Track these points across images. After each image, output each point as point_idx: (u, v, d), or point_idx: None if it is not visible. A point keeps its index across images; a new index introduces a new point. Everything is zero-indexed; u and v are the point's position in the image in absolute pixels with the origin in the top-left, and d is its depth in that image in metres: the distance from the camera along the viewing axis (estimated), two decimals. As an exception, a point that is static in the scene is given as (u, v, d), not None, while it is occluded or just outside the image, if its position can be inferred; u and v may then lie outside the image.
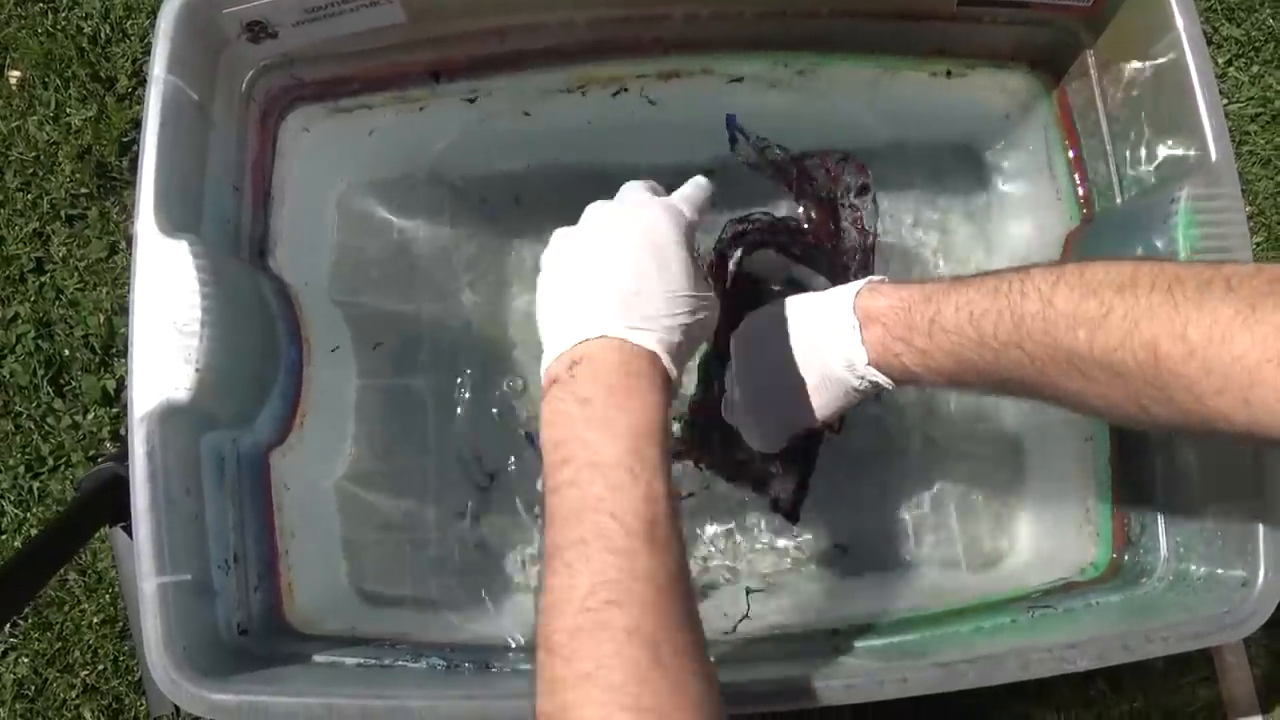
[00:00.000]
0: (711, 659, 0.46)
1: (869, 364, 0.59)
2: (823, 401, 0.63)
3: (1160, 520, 0.72)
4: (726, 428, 0.74)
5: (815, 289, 0.71)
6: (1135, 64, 0.72)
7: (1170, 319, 0.46)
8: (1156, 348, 0.46)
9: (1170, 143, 0.69)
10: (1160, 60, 0.69)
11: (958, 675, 0.60)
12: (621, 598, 0.44)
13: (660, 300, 0.52)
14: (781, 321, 0.65)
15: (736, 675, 0.66)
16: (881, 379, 0.60)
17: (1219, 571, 0.66)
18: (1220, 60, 1.24)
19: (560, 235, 0.58)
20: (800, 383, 0.63)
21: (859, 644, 0.71)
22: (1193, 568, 0.69)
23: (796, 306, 0.65)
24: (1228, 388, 0.44)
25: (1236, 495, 0.65)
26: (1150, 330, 0.46)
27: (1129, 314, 0.47)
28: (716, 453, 0.81)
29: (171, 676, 0.59)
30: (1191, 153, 0.67)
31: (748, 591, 0.83)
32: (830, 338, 0.61)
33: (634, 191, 0.58)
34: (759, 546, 0.87)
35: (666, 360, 0.52)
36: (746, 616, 0.81)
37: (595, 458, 0.48)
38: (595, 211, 0.57)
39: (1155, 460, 0.73)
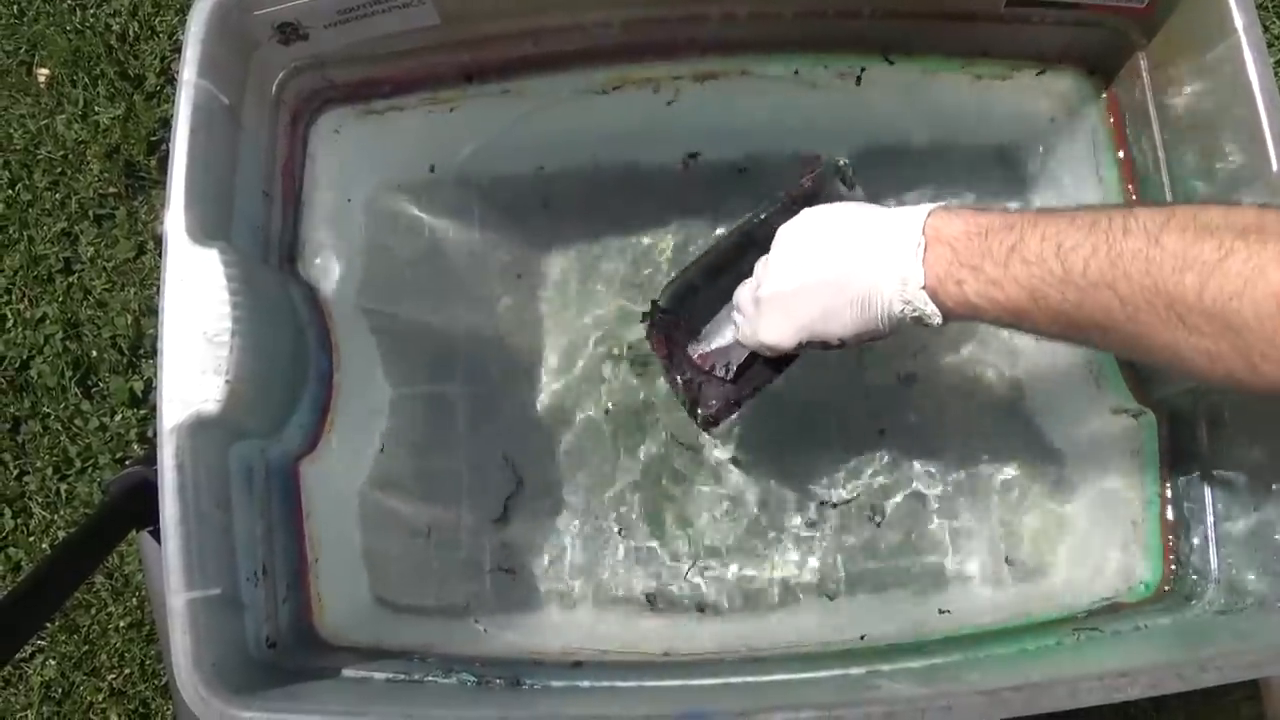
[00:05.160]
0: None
1: (923, 287, 0.55)
2: (856, 317, 0.59)
3: (1212, 540, 0.70)
4: (696, 320, 0.75)
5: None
6: (1191, 67, 0.69)
7: None
8: None
9: (1227, 150, 0.67)
10: (1218, 63, 0.67)
11: (1003, 703, 0.58)
12: None
13: None
14: (842, 222, 0.61)
15: (765, 698, 0.65)
16: (930, 308, 0.56)
17: (1275, 595, 0.64)
18: (1273, 60, 1.21)
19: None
20: (843, 289, 0.59)
21: (896, 665, 0.69)
22: (1246, 591, 0.67)
23: (862, 213, 0.61)
24: None
25: (1294, 516, 0.63)
26: (1277, 277, 0.42)
27: (1253, 259, 0.43)
28: (677, 339, 0.77)
29: (201, 694, 0.58)
30: (1251, 162, 0.64)
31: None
32: (890, 251, 0.57)
33: None
34: (785, 554, 0.85)
35: None
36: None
37: None
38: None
39: (1208, 476, 0.71)
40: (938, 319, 0.56)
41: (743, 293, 0.69)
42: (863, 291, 0.58)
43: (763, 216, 0.75)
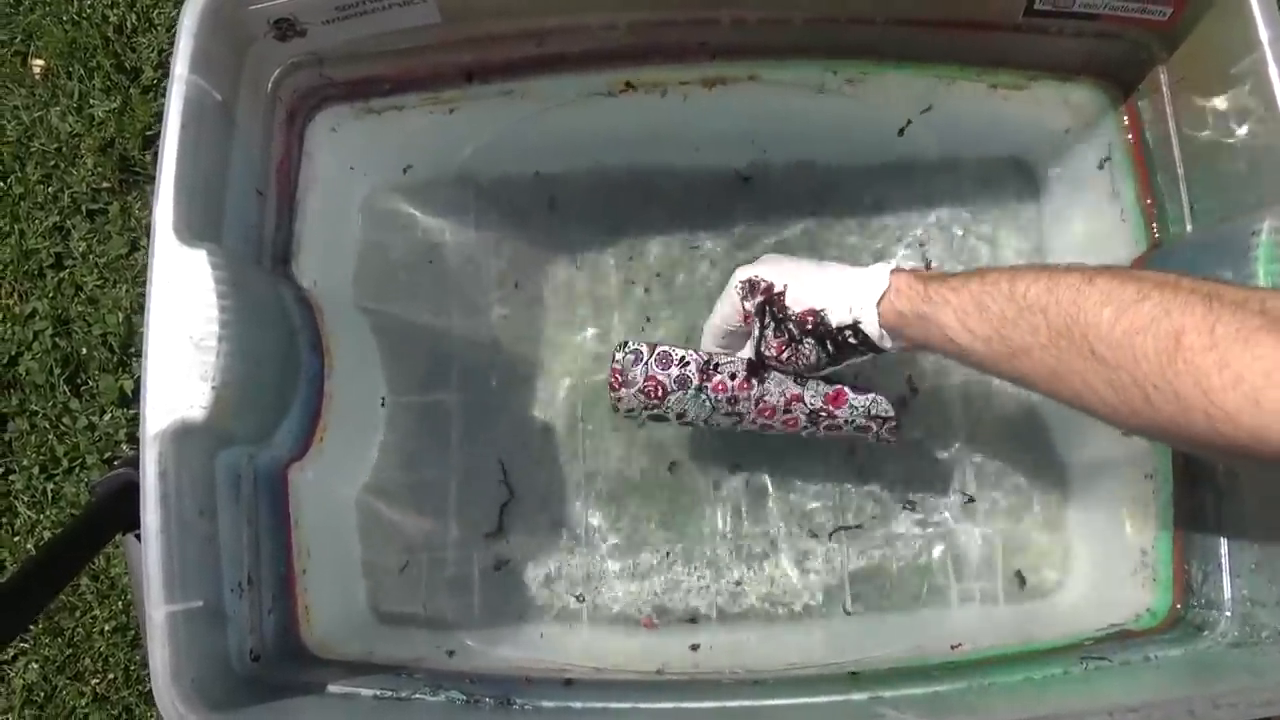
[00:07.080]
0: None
1: (891, 271, 0.64)
2: (811, 288, 0.68)
3: (1225, 569, 0.68)
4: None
5: None
6: (1213, 81, 0.67)
7: (1203, 315, 0.49)
8: (1180, 336, 0.49)
9: (1249, 169, 0.65)
10: (1242, 78, 0.65)
11: (1010, 736, 0.57)
12: None
13: None
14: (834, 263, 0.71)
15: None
16: (871, 307, 0.63)
17: (1291, 629, 0.62)
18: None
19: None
20: (814, 268, 0.69)
21: (899, 692, 0.67)
22: (1261, 623, 0.65)
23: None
24: (1240, 385, 0.46)
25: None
26: (1180, 320, 0.49)
27: (1163, 302, 0.50)
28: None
29: (179, 710, 0.56)
30: (1274, 179, 0.63)
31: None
32: (867, 271, 0.66)
33: None
34: (787, 573, 0.84)
35: None
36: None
37: None
38: None
39: (1221, 503, 0.69)
40: (874, 326, 0.64)
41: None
42: (827, 277, 0.67)
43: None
